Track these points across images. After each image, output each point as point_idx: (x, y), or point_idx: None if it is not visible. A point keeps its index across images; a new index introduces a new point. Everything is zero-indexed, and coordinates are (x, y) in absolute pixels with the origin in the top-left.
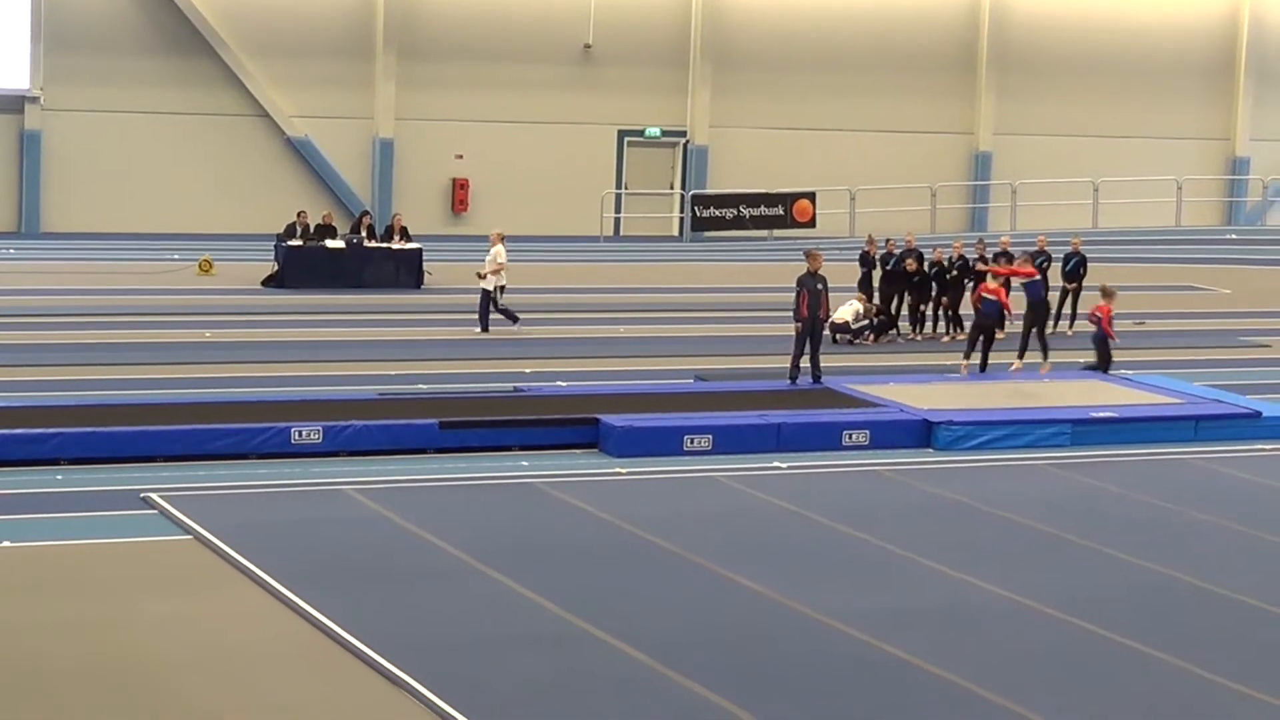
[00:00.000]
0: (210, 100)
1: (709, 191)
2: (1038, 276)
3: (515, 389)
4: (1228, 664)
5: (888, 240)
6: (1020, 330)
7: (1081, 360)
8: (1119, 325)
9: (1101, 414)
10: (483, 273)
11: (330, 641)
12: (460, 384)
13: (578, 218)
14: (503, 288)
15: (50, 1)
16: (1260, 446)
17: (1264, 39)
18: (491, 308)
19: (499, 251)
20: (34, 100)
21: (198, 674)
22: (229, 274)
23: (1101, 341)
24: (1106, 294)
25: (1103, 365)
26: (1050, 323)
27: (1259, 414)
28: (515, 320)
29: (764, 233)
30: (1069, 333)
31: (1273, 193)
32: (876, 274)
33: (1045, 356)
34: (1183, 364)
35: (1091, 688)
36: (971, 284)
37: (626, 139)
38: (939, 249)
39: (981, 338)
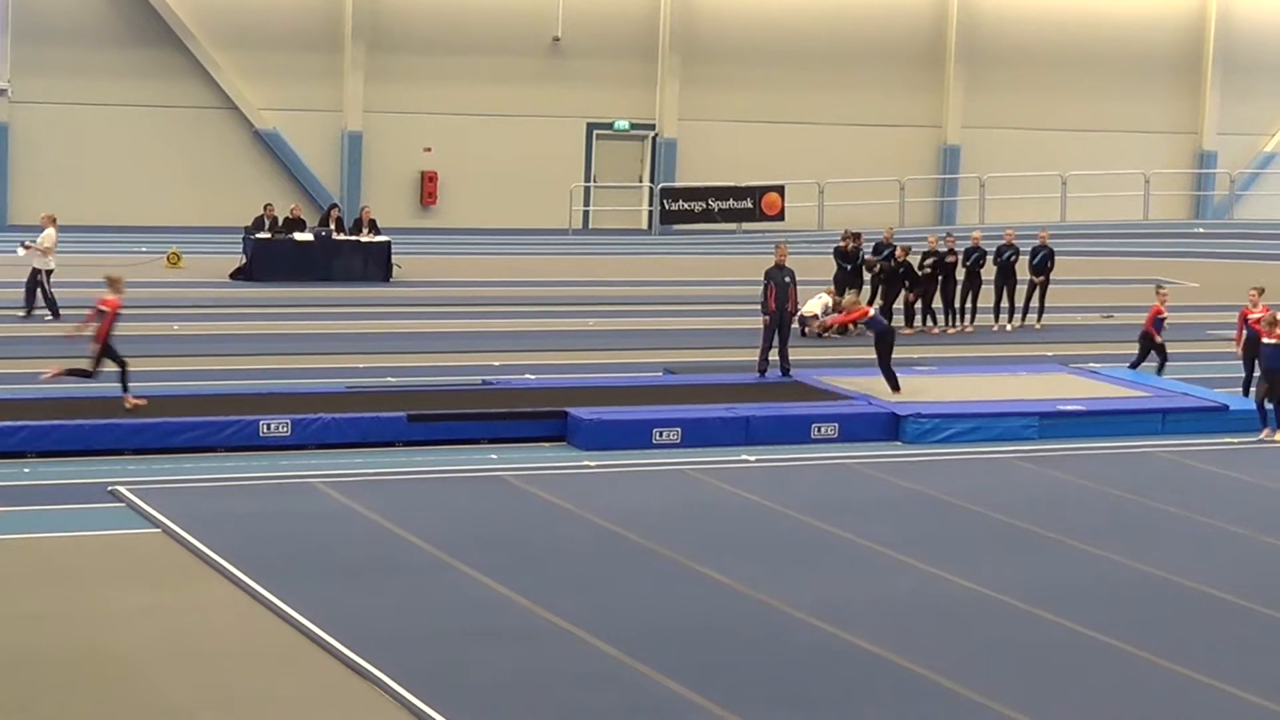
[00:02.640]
0: (178, 93)
1: (678, 185)
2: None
3: (484, 382)
4: (1194, 656)
5: (857, 235)
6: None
7: (1050, 354)
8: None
9: (1069, 407)
10: (27, 245)
11: (298, 634)
12: (429, 377)
13: (546, 211)
14: (50, 271)
15: None
16: (1227, 440)
17: (1231, 33)
18: (39, 294)
19: (50, 234)
20: (1, 93)
21: (166, 667)
22: (197, 267)
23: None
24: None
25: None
26: (1020, 317)
27: (1226, 407)
28: (56, 315)
29: (733, 226)
30: (1037, 326)
31: (1240, 186)
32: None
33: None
34: (1150, 357)
35: (1057, 679)
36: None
37: (595, 132)
38: (902, 246)
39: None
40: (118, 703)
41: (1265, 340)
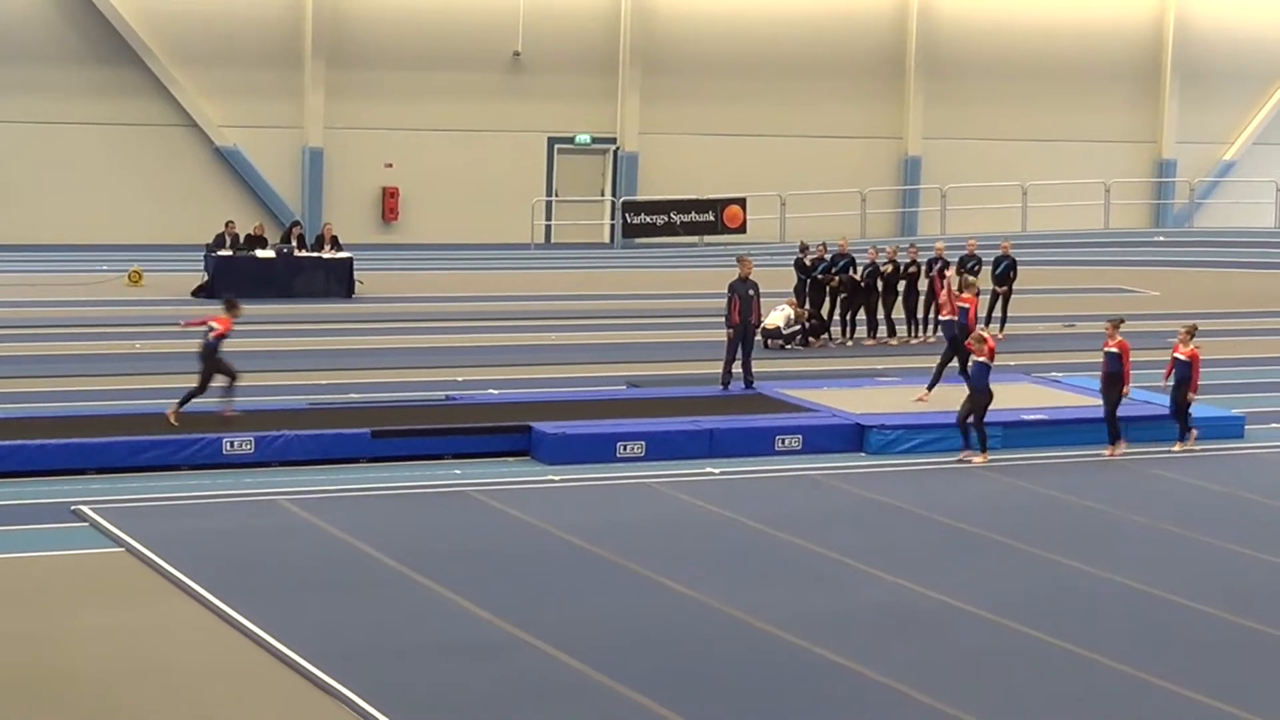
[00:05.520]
0: (139, 110)
1: (640, 198)
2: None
3: (447, 397)
4: (1158, 663)
5: (820, 245)
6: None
7: (1012, 363)
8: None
9: (1032, 416)
10: None
11: (264, 652)
12: (392, 393)
13: (508, 225)
14: None
15: None
16: (1188, 447)
17: (1189, 42)
18: None
19: None
20: None
21: (131, 685)
22: (159, 285)
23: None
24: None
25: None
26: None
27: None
28: None
29: (695, 239)
30: (1000, 336)
31: (1200, 195)
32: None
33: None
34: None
35: (1023, 689)
36: (904, 289)
37: (556, 146)
38: (873, 249)
39: None
40: None
41: (975, 359)
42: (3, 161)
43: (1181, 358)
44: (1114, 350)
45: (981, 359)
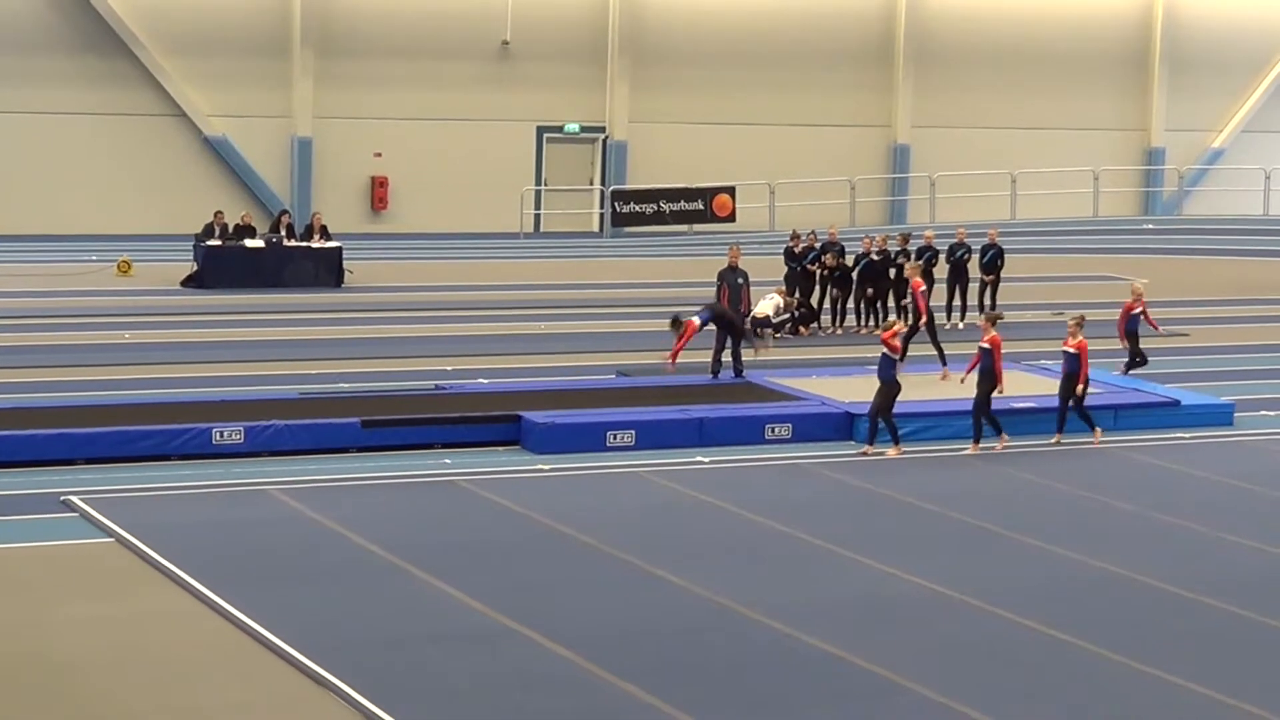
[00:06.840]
0: (127, 100)
1: (629, 187)
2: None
3: (437, 387)
4: (1146, 651)
5: (810, 233)
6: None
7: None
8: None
9: (1021, 404)
10: None
11: (254, 642)
12: (382, 382)
13: (497, 214)
14: None
15: None
16: (1179, 435)
17: (1178, 30)
18: None
19: None
20: None
21: (122, 676)
22: (148, 274)
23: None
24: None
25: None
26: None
27: (1177, 402)
28: None
29: (684, 228)
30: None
31: (1188, 182)
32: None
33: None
34: (1101, 354)
35: (1014, 677)
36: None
37: (545, 135)
38: (867, 238)
39: None
40: (73, 712)
41: (885, 352)
42: None
43: (1070, 350)
44: (986, 345)
45: (885, 350)
